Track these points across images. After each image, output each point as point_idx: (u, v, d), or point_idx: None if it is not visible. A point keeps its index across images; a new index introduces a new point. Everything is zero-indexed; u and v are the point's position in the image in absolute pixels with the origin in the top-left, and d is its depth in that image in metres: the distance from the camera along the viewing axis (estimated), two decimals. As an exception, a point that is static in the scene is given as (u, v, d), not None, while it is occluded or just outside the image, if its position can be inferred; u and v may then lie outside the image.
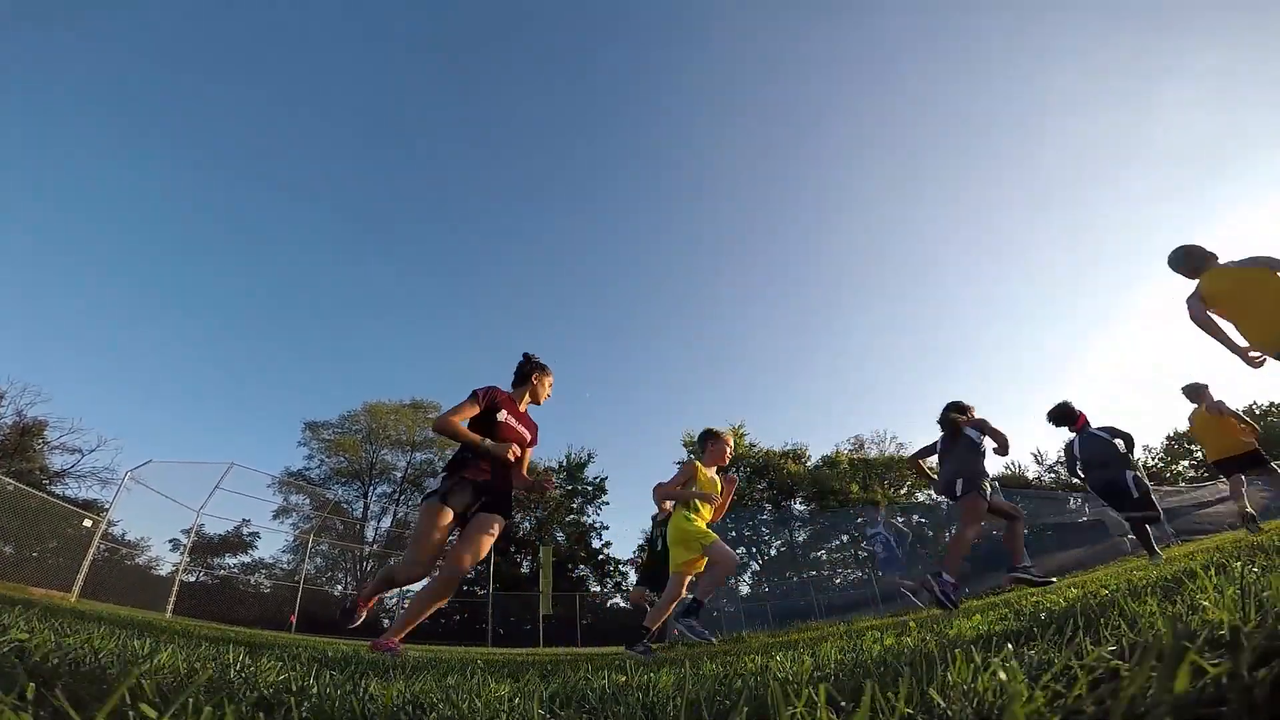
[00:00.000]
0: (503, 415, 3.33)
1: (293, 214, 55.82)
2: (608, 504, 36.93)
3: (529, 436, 3.52)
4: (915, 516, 29.42)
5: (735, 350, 62.64)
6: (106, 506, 17.48)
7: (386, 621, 26.25)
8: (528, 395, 3.62)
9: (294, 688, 1.17)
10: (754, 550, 33.05)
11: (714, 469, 4.69)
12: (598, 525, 36.30)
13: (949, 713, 0.55)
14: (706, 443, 4.78)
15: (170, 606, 12.86)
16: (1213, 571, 1.64)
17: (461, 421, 3.18)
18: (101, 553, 12.74)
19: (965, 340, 60.39)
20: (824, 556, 32.41)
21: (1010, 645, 1.02)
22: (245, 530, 30.53)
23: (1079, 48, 54.01)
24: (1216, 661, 0.51)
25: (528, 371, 3.63)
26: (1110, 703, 0.44)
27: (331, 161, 57.05)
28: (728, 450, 4.77)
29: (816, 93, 62.82)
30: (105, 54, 43.56)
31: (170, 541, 25.92)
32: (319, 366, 55.78)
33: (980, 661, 0.76)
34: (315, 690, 1.13)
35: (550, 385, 3.77)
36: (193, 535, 16.57)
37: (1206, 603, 0.93)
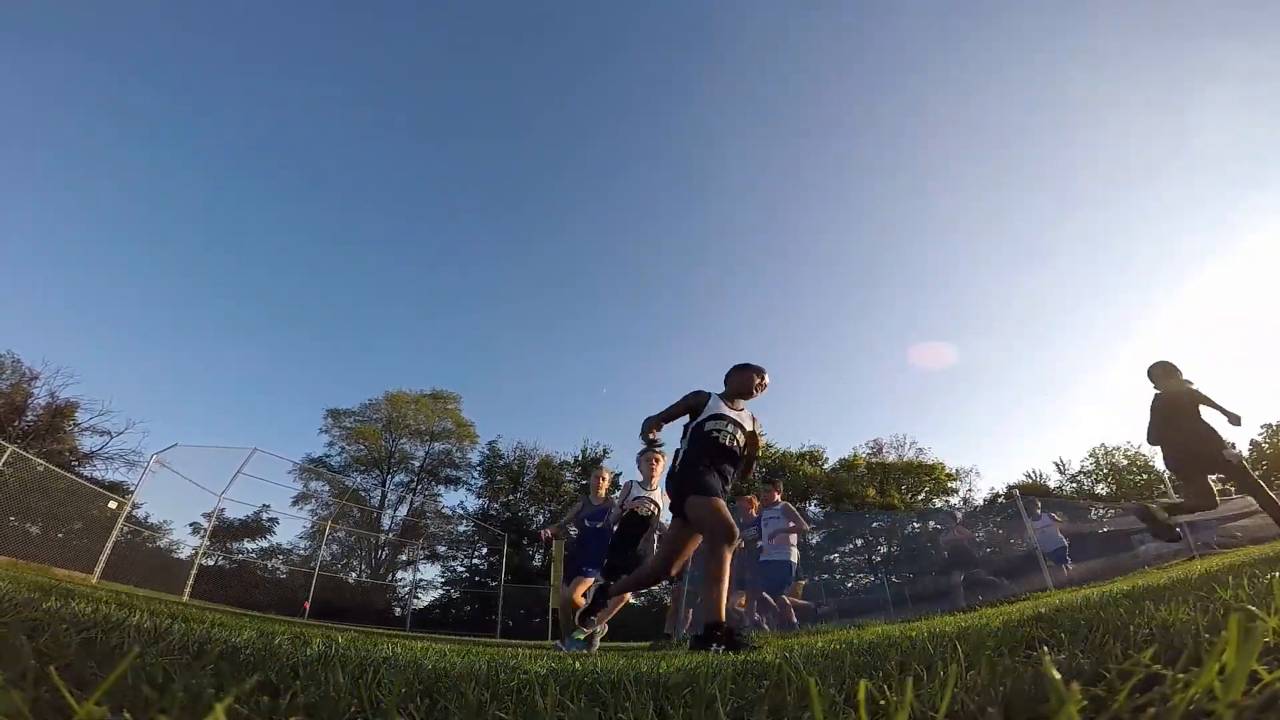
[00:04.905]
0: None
1: (321, 206, 56.48)
2: (622, 500, 36.96)
3: None
4: (931, 523, 29.08)
5: (753, 350, 62.34)
6: (132, 489, 17.86)
7: (397, 611, 26.53)
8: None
9: (302, 673, 1.16)
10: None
11: None
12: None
13: (977, 715, 0.52)
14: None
15: (188, 589, 13.09)
16: (1245, 581, 1.58)
17: None
18: (125, 535, 12.97)
19: (987, 345, 59.56)
20: (837, 560, 32.18)
21: (1046, 649, 0.98)
22: (265, 516, 30.98)
23: (1111, 49, 52.96)
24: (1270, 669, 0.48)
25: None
26: (1158, 709, 0.41)
27: (358, 155, 57.60)
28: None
29: (836, 92, 62.24)
30: (143, 48, 44.38)
31: (191, 525, 26.41)
32: (343, 354, 56.47)
33: (1009, 663, 0.72)
34: (323, 676, 1.12)
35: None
36: (214, 519, 16.86)
37: (1256, 610, 0.88)
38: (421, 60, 57.16)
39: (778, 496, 7.60)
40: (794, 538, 7.17)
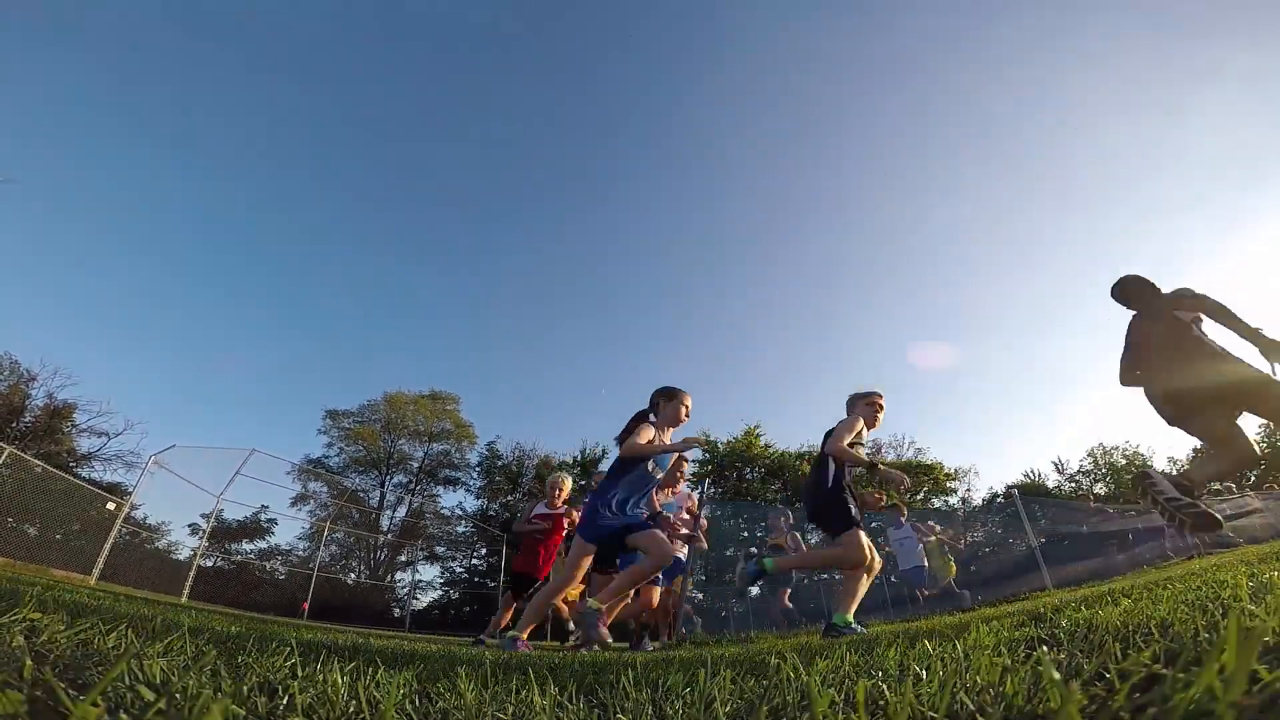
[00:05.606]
0: None
1: (321, 206, 56.44)
2: (620, 500, 36.98)
3: None
4: (931, 522, 29.10)
5: (752, 350, 62.32)
6: (130, 490, 17.83)
7: (396, 612, 26.50)
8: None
9: (300, 673, 1.16)
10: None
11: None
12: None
13: (977, 715, 0.52)
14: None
15: (187, 591, 13.06)
16: (1245, 580, 1.58)
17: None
18: (123, 536, 12.95)
19: (985, 346, 59.60)
20: (836, 559, 32.12)
21: (1045, 648, 0.98)
22: (263, 516, 30.95)
23: (1109, 49, 53.01)
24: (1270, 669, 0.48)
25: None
26: (1158, 709, 0.41)
27: (359, 155, 57.58)
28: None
29: (835, 91, 62.24)
30: (144, 48, 44.34)
31: (190, 526, 26.36)
32: (342, 354, 56.58)
33: (1007, 663, 0.72)
34: (320, 677, 1.12)
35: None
36: (212, 520, 16.83)
37: (1257, 610, 0.88)
38: (423, 61, 57.18)
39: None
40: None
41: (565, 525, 6.31)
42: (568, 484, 6.66)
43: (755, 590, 9.44)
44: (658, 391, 4.18)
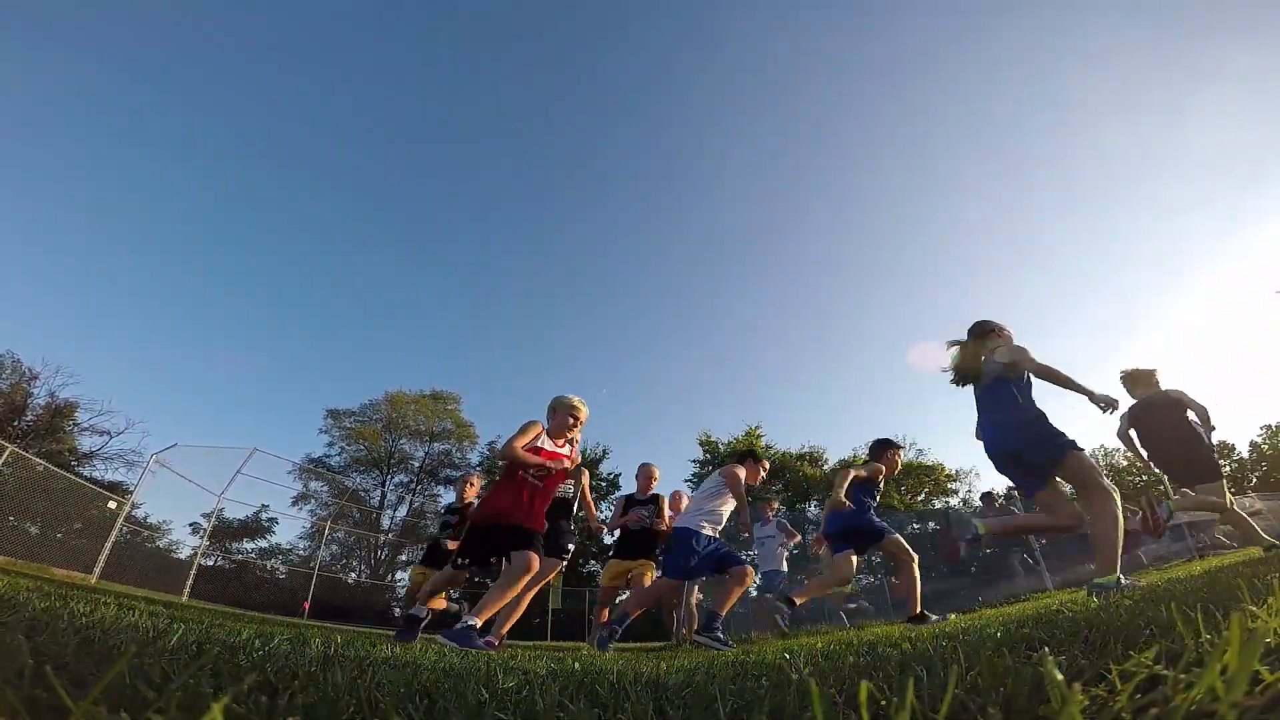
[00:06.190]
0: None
1: (322, 205, 56.55)
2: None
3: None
4: (931, 524, 29.03)
5: (753, 350, 62.29)
6: (131, 489, 17.86)
7: (396, 611, 26.45)
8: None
9: (300, 673, 1.16)
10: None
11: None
12: (609, 521, 36.34)
13: (978, 715, 0.52)
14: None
15: (187, 590, 13.06)
16: (1246, 581, 1.58)
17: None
18: (124, 535, 12.96)
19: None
20: (837, 560, 32.05)
21: (1046, 649, 0.97)
22: (264, 516, 30.98)
23: (1109, 49, 52.94)
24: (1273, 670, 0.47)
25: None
26: (1160, 709, 0.41)
27: (360, 155, 57.65)
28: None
29: (838, 91, 62.22)
30: (145, 47, 44.34)
31: (190, 525, 26.42)
32: (343, 354, 56.69)
33: (1009, 663, 0.72)
34: (321, 676, 1.12)
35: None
36: (213, 519, 16.84)
37: (1259, 611, 0.88)
38: (424, 60, 57.24)
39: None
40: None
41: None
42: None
43: (755, 592, 9.55)
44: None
